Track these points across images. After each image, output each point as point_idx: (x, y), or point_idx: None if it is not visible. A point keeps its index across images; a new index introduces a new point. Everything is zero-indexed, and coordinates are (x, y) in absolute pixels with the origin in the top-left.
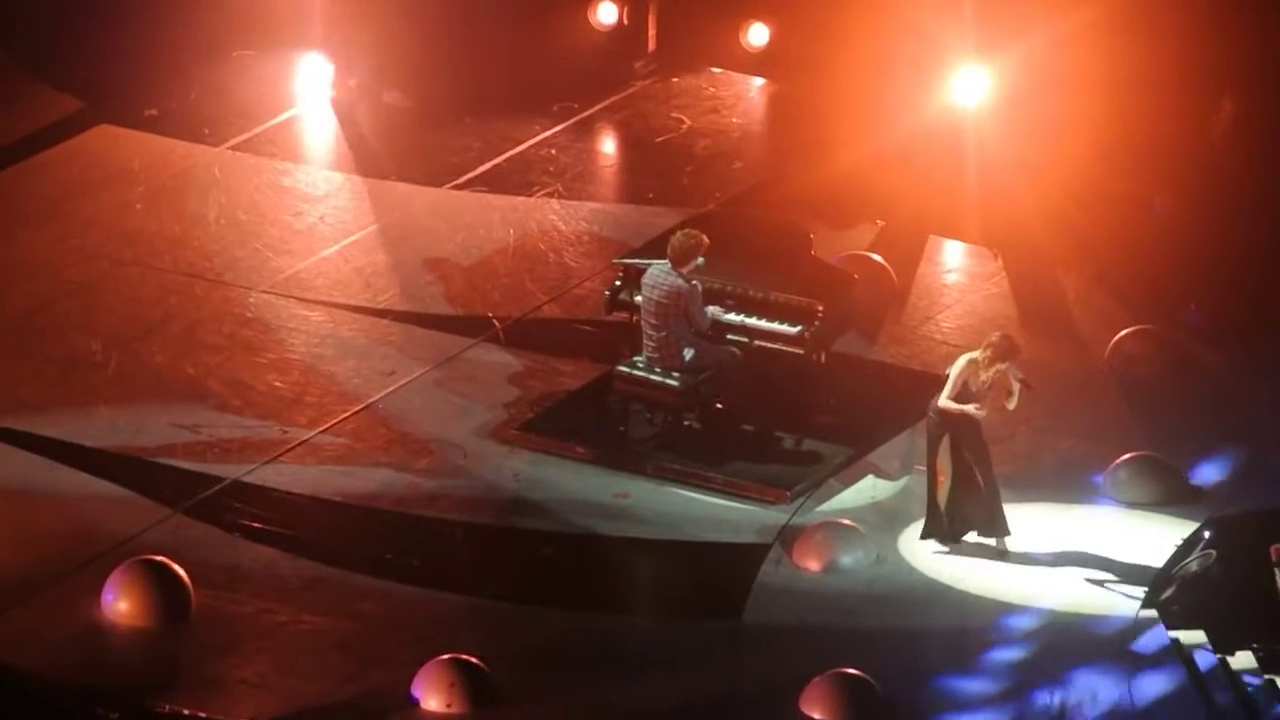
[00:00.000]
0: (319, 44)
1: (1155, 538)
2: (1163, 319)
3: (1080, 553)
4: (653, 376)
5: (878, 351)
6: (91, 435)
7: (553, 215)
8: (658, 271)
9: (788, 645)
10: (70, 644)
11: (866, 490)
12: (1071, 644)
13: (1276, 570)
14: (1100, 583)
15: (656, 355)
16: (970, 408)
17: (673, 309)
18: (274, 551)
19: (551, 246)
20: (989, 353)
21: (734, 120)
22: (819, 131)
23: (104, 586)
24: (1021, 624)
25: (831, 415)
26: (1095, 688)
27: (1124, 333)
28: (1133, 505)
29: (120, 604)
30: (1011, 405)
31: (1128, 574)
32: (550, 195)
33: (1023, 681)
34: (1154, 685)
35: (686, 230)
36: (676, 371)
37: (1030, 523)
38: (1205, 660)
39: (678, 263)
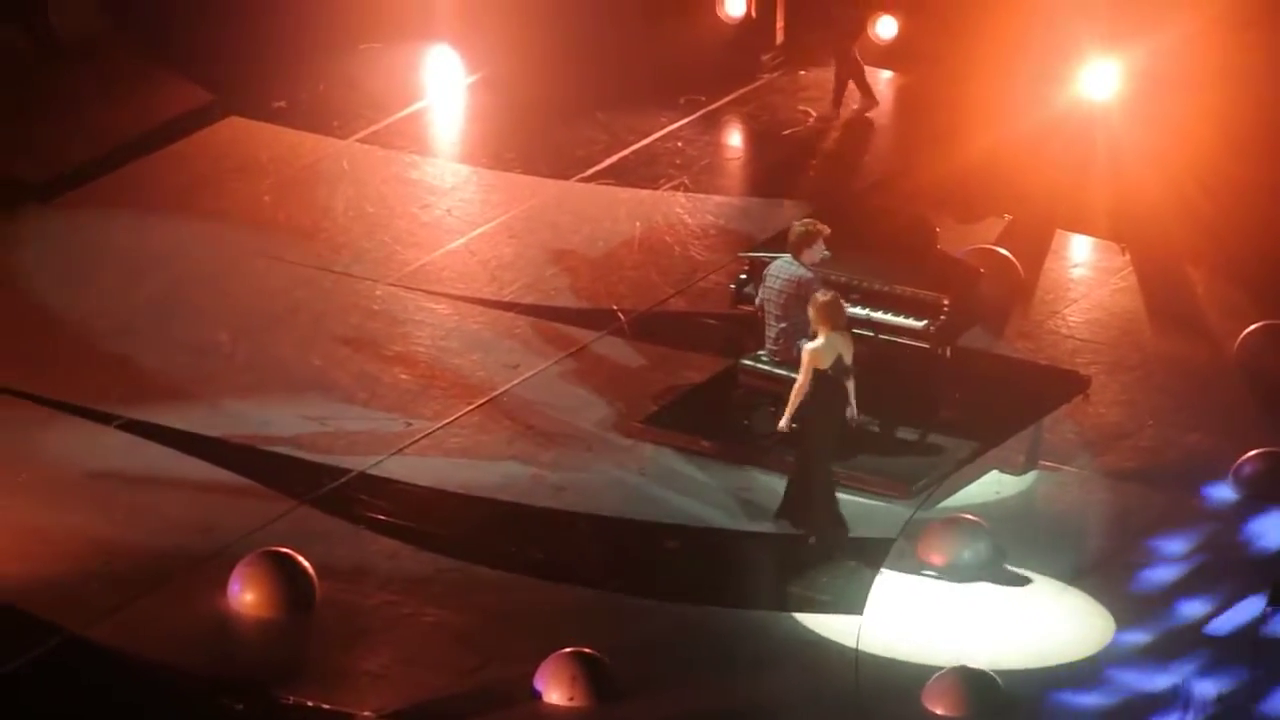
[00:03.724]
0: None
1: None
2: None
3: (1201, 549)
4: (777, 370)
5: (1004, 346)
6: (218, 426)
7: (679, 208)
8: (781, 263)
9: (911, 640)
10: (196, 634)
11: (991, 486)
12: (1196, 640)
13: None
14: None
15: (776, 348)
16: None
17: (794, 298)
18: (398, 544)
19: (677, 239)
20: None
21: (861, 113)
22: (946, 124)
23: (230, 577)
24: (1146, 618)
25: (956, 410)
26: (1222, 685)
27: (1253, 327)
28: (1261, 501)
29: (246, 595)
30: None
31: (1256, 572)
32: (676, 188)
33: (1150, 678)
34: None
35: (804, 220)
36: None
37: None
38: None
39: (797, 252)
